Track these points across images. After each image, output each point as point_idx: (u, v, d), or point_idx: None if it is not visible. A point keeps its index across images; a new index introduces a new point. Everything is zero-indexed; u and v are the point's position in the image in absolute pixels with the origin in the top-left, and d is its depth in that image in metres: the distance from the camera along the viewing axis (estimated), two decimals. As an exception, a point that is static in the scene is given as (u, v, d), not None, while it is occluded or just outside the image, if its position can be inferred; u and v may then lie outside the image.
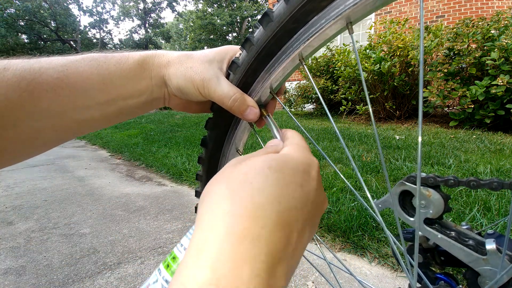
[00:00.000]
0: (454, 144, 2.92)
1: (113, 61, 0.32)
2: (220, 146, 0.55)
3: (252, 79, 0.42)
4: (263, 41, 0.39)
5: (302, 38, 0.36)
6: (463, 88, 3.49)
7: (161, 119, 8.40)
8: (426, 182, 0.35)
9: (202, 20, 24.51)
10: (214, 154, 0.56)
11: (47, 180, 3.06)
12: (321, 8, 0.33)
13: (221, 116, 0.51)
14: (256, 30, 0.40)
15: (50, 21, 18.25)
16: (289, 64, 0.39)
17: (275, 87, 0.43)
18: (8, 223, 1.95)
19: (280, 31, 0.37)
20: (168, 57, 0.35)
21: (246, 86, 0.43)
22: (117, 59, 0.33)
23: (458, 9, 5.45)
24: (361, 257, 1.36)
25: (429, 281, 0.39)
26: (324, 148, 3.17)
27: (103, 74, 0.31)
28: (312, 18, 0.34)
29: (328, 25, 0.33)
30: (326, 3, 0.32)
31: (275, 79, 0.41)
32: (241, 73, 0.43)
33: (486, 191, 1.69)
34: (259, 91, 0.43)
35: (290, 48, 0.37)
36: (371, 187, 1.97)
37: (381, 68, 4.16)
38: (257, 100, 0.43)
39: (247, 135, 0.52)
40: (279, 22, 0.36)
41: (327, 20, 0.33)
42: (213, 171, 0.58)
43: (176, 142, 4.53)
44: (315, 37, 0.35)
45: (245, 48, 0.41)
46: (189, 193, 2.44)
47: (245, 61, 0.41)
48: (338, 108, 5.70)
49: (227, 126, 0.51)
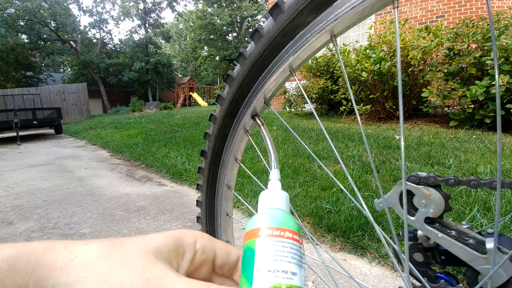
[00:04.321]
0: (454, 144, 2.92)
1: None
2: (219, 156, 0.57)
3: (247, 91, 0.45)
4: (255, 55, 0.41)
5: (291, 50, 0.38)
6: (463, 88, 3.49)
7: (161, 119, 8.40)
8: (426, 182, 0.35)
9: (202, 20, 24.51)
10: (214, 164, 0.58)
11: (47, 180, 3.06)
12: (307, 23, 0.35)
13: (218, 127, 0.54)
14: (249, 45, 0.42)
15: (50, 21, 18.23)
16: (280, 75, 0.41)
17: (269, 97, 0.45)
18: (8, 223, 1.95)
19: (270, 45, 0.39)
20: (73, 252, 0.19)
21: (242, 97, 0.47)
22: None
23: (458, 9, 5.45)
24: (361, 257, 1.37)
25: (430, 280, 0.39)
26: (324, 148, 3.17)
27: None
28: (299, 33, 0.37)
29: (314, 38, 0.36)
30: (310, 18, 0.35)
31: (268, 89, 0.43)
32: (236, 86, 0.46)
33: (486, 191, 1.69)
34: (253, 101, 0.45)
35: (280, 60, 0.40)
36: (371, 187, 1.97)
37: (381, 68, 4.16)
38: (252, 110, 0.47)
39: (244, 144, 0.54)
40: (269, 37, 0.39)
41: (312, 34, 0.36)
42: (214, 181, 0.61)
43: (176, 142, 4.53)
44: (304, 48, 0.37)
45: (239, 62, 0.44)
46: (189, 193, 2.44)
47: (240, 74, 0.44)
48: (338, 108, 5.69)
49: (225, 136, 0.54)
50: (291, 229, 0.22)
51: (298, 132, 4.28)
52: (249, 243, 0.22)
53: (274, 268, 0.19)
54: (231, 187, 0.60)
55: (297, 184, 2.17)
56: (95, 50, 21.27)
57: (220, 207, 0.62)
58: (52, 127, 8.82)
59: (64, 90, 14.70)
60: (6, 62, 16.96)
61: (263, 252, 0.20)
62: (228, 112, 0.51)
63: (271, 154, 0.38)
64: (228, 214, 0.64)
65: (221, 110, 0.52)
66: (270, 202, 0.25)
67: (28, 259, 0.19)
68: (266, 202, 0.25)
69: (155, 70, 22.51)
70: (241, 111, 0.49)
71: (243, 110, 0.48)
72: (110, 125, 8.76)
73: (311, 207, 1.77)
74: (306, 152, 3.00)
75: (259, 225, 0.22)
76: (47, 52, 19.76)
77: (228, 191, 0.61)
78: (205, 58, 28.59)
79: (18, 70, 18.38)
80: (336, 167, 2.53)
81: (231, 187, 0.60)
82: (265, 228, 0.21)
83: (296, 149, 3.24)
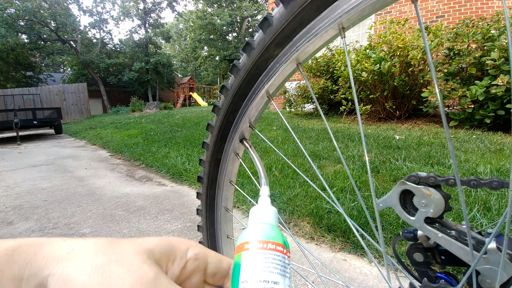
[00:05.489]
0: (454, 144, 2.92)
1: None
2: (214, 180, 0.61)
3: (232, 118, 0.51)
4: (236, 86, 0.47)
5: (265, 79, 0.44)
6: (463, 88, 3.49)
7: (161, 119, 8.40)
8: (426, 182, 0.35)
9: (202, 20, 24.52)
10: (211, 188, 0.62)
11: (47, 180, 3.06)
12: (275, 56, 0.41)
13: (211, 153, 0.58)
14: (230, 78, 0.48)
15: (50, 21, 18.22)
16: (259, 101, 0.46)
17: (253, 121, 0.50)
18: (8, 223, 1.95)
19: (248, 76, 0.45)
20: (71, 246, 0.20)
21: (228, 124, 0.52)
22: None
23: (458, 9, 5.45)
24: (361, 257, 1.37)
25: (430, 280, 0.39)
26: (324, 148, 3.17)
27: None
28: (269, 64, 0.42)
29: (283, 67, 0.41)
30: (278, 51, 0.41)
31: (251, 114, 0.48)
32: (223, 114, 0.51)
33: (486, 191, 1.69)
34: (239, 126, 0.50)
35: (258, 88, 0.45)
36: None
37: (381, 68, 4.16)
38: (240, 135, 0.51)
39: (237, 166, 0.58)
40: (245, 70, 0.45)
41: (280, 63, 0.41)
42: (212, 204, 0.64)
43: (176, 142, 4.53)
44: (275, 76, 0.42)
45: (222, 93, 0.49)
46: (189, 193, 2.44)
47: (225, 103, 0.50)
48: (338, 108, 5.69)
49: (218, 161, 0.58)
50: (274, 241, 0.23)
51: (298, 132, 4.28)
52: (237, 257, 0.23)
53: (257, 278, 0.21)
54: (229, 209, 0.63)
55: (297, 184, 2.17)
56: (95, 50, 21.26)
57: (220, 230, 0.65)
58: (52, 127, 8.82)
59: (64, 90, 14.70)
60: (6, 62, 16.96)
61: (247, 264, 0.22)
62: (218, 139, 0.55)
63: (260, 172, 0.42)
64: (228, 236, 0.66)
65: (212, 137, 0.56)
66: (259, 217, 0.27)
67: (26, 250, 0.19)
68: (256, 217, 0.27)
69: (155, 70, 22.51)
70: (230, 136, 0.53)
71: (232, 135, 0.53)
72: (110, 125, 8.76)
73: (311, 207, 1.77)
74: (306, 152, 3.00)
75: (246, 239, 0.23)
76: (47, 52, 19.76)
77: (227, 213, 0.63)
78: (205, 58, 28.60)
79: (18, 70, 18.38)
80: (336, 167, 2.53)
81: (229, 209, 0.63)
82: (251, 242, 0.23)
83: (296, 149, 3.24)
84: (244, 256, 0.22)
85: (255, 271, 0.21)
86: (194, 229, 1.76)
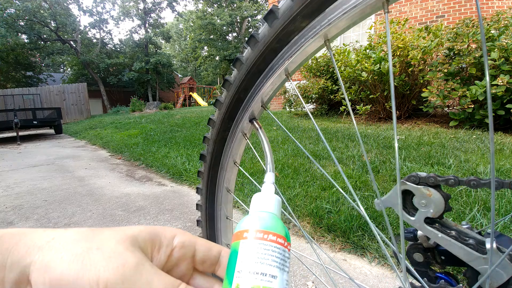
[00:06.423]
0: (454, 144, 2.92)
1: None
2: (218, 159, 0.57)
3: (244, 95, 0.46)
4: (252, 60, 0.42)
5: (286, 55, 0.39)
6: (463, 88, 3.49)
7: (161, 119, 8.40)
8: (426, 182, 0.35)
9: (202, 20, 24.50)
10: (213, 168, 0.58)
11: (47, 180, 3.06)
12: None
13: (216, 131, 0.54)
14: (245, 50, 0.43)
15: (50, 21, 18.21)
16: (276, 79, 0.42)
17: (266, 101, 0.46)
18: (8, 223, 1.95)
19: (266, 50, 0.40)
20: (51, 235, 0.20)
21: (239, 101, 0.47)
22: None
23: (458, 9, 5.45)
24: (361, 257, 1.37)
25: (430, 280, 0.39)
26: (324, 148, 3.17)
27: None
28: (293, 38, 0.38)
29: (309, 43, 0.37)
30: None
31: (265, 93, 0.44)
32: (234, 90, 0.46)
33: (486, 191, 1.69)
34: (251, 105, 0.46)
35: (276, 64, 0.40)
36: (371, 187, 1.97)
37: (381, 68, 4.15)
38: (250, 114, 0.47)
39: (243, 147, 0.55)
40: (265, 43, 0.39)
41: (306, 38, 0.37)
42: (213, 184, 0.61)
43: (176, 142, 4.53)
44: (298, 52, 0.38)
45: (235, 67, 0.44)
46: (189, 193, 2.44)
47: (237, 78, 0.45)
48: (338, 108, 5.70)
49: (223, 140, 0.54)
50: (275, 233, 0.22)
51: (298, 132, 4.28)
52: (234, 245, 0.22)
53: (254, 270, 0.20)
54: (231, 190, 0.60)
55: (297, 184, 2.17)
56: (95, 50, 21.25)
57: (220, 211, 0.63)
58: (52, 127, 8.82)
59: (64, 90, 14.70)
60: (6, 62, 16.95)
61: (245, 254, 0.21)
62: (226, 116, 0.51)
63: (267, 157, 0.38)
64: (228, 217, 0.64)
65: (220, 114, 0.52)
66: (261, 204, 0.25)
67: (9, 240, 0.20)
68: (258, 204, 0.25)
69: (155, 70, 22.50)
70: (239, 115, 0.49)
71: (241, 114, 0.49)
72: (110, 125, 8.76)
73: (311, 207, 1.77)
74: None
75: (245, 227, 0.22)
76: (47, 52, 19.73)
77: (228, 194, 0.61)
78: (205, 58, 28.58)
79: (18, 70, 18.37)
80: (336, 167, 2.53)
81: (230, 190, 0.60)
82: (251, 231, 0.22)
83: (296, 149, 3.24)
84: (243, 245, 0.21)
85: (252, 263, 0.20)
86: (194, 229, 1.76)
